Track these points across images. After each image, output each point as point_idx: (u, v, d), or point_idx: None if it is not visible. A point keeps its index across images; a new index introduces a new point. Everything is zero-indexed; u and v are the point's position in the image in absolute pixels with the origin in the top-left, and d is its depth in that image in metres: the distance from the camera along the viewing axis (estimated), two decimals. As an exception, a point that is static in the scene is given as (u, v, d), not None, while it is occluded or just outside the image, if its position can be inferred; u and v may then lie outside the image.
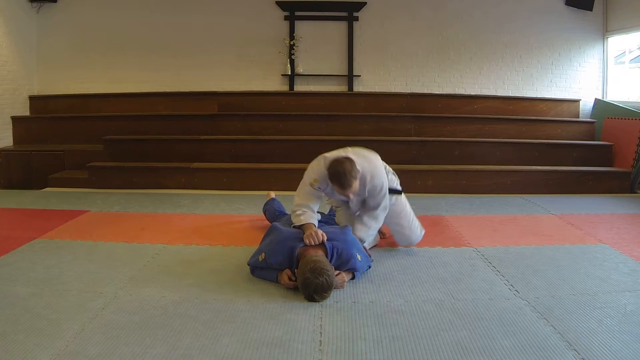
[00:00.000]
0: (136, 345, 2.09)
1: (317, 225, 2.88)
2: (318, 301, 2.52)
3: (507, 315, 2.40)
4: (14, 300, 2.52)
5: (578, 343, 2.12)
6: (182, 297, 2.58)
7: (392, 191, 3.23)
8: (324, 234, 2.77)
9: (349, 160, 2.86)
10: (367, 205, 3.12)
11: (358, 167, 2.90)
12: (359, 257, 2.79)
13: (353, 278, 2.80)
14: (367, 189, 3.01)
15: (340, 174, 2.80)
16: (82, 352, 2.03)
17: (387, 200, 3.10)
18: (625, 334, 2.21)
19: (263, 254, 2.79)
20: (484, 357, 2.03)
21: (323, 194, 3.08)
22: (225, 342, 2.13)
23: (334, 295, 2.60)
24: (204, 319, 2.34)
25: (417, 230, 3.37)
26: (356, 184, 2.87)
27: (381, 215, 3.13)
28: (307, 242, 2.72)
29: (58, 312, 2.39)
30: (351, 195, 2.92)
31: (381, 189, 3.03)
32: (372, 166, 3.01)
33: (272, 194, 4.14)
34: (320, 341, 2.16)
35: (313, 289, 2.49)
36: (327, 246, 2.72)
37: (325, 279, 2.48)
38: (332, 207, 3.64)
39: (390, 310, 2.45)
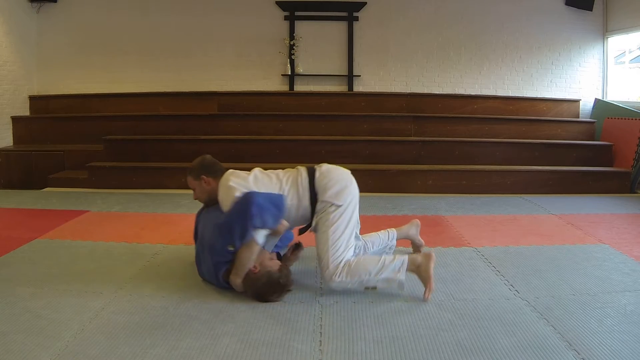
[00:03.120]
0: (136, 345, 2.09)
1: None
2: (288, 288, 2.55)
3: (507, 315, 2.39)
4: (14, 300, 2.51)
5: (578, 343, 2.12)
6: (182, 297, 2.58)
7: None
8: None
9: (207, 159, 2.79)
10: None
11: (231, 180, 2.61)
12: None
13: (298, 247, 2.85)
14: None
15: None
16: (82, 352, 2.03)
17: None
18: (625, 334, 2.21)
19: None
20: (484, 357, 2.03)
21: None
22: (225, 342, 2.13)
23: (334, 295, 2.60)
24: (204, 319, 2.34)
25: (329, 264, 2.53)
26: (191, 181, 2.76)
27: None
28: None
29: (58, 312, 2.38)
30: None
31: (221, 204, 2.62)
32: (229, 182, 2.60)
33: None
34: (320, 341, 2.15)
35: (274, 294, 2.52)
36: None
37: (276, 284, 2.50)
38: None
39: (390, 310, 2.45)
